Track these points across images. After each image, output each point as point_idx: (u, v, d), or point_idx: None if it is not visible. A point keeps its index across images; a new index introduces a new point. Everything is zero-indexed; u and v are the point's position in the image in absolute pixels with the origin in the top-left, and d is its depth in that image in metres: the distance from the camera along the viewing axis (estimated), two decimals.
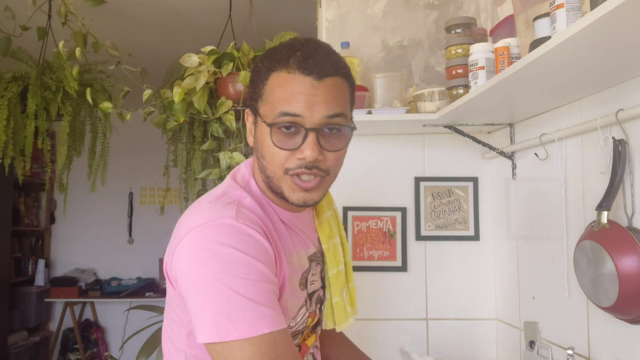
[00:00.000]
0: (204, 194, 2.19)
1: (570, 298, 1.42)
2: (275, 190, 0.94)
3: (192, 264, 0.84)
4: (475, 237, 1.94)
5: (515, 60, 1.32)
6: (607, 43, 0.98)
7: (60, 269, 4.95)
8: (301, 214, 1.04)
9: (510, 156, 1.76)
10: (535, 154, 1.58)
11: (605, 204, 1.18)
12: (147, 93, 2.06)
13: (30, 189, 4.81)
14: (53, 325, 4.86)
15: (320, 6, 2.06)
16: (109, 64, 2.34)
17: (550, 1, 1.07)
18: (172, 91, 1.96)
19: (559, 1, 1.04)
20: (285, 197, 0.93)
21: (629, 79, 1.18)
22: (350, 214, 1.93)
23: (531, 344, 1.60)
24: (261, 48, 2.02)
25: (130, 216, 5.06)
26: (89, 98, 2.19)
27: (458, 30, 1.61)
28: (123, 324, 4.56)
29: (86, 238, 4.97)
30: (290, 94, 0.88)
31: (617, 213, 1.20)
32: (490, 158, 1.91)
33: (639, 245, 1.09)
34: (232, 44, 1.98)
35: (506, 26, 1.51)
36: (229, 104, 1.95)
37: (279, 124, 0.88)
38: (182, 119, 2.01)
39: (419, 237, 1.93)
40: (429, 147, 1.96)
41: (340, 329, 1.13)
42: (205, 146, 2.09)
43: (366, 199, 1.94)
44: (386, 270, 1.92)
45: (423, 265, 1.93)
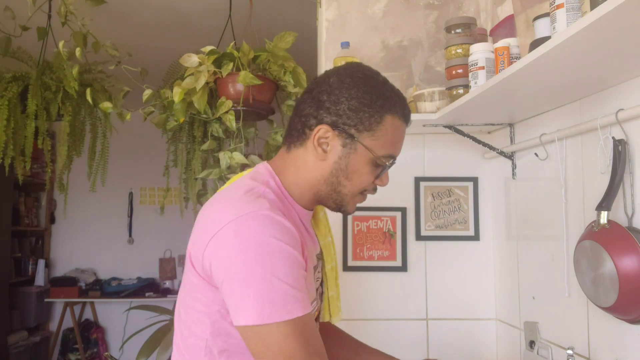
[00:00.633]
0: (204, 194, 2.20)
1: (570, 298, 1.42)
2: (331, 200, 1.07)
3: (234, 253, 0.90)
4: (475, 237, 1.94)
5: (515, 60, 1.32)
6: (607, 43, 0.98)
7: (60, 269, 4.95)
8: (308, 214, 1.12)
9: (510, 156, 1.76)
10: (535, 154, 1.58)
11: (605, 204, 1.18)
12: (147, 93, 2.06)
13: (30, 189, 4.81)
14: (53, 325, 4.86)
15: (320, 6, 2.06)
16: (109, 64, 2.34)
17: (550, 1, 1.07)
18: (172, 91, 1.96)
19: (559, 1, 1.04)
20: (342, 208, 1.08)
21: (629, 79, 1.18)
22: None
23: (531, 344, 1.60)
24: (261, 48, 2.02)
25: (130, 216, 5.06)
26: (89, 98, 2.19)
27: (458, 30, 1.61)
28: (123, 324, 4.56)
29: (86, 238, 4.96)
30: (399, 140, 1.07)
31: (617, 213, 1.20)
32: (490, 158, 1.91)
33: (639, 245, 1.09)
34: (232, 44, 1.98)
35: (506, 26, 1.52)
36: (229, 104, 1.95)
37: (386, 165, 1.05)
38: (182, 119, 2.00)
39: (419, 237, 1.93)
40: (429, 147, 1.96)
41: (334, 322, 1.22)
42: (205, 146, 2.09)
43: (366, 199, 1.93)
44: (386, 270, 1.92)
45: (423, 265, 1.93)
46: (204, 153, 2.15)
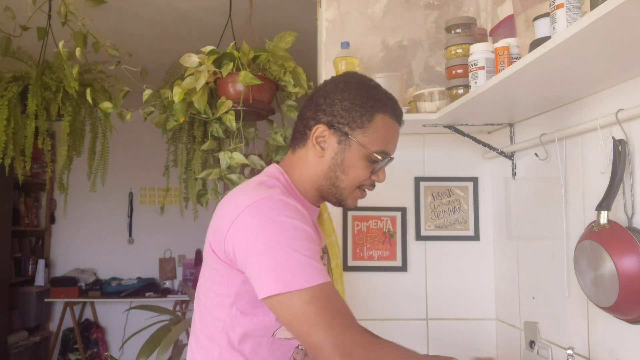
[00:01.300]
0: (204, 194, 2.19)
1: (570, 298, 1.42)
2: (331, 195, 1.16)
3: (254, 232, 1.01)
4: (475, 237, 1.94)
5: (515, 60, 1.32)
6: (607, 43, 0.98)
7: (60, 269, 4.95)
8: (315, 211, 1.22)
9: (510, 156, 1.76)
10: (535, 154, 1.58)
11: (605, 204, 1.18)
12: (147, 93, 2.05)
13: (30, 189, 4.81)
14: (53, 325, 4.86)
15: (320, 6, 2.06)
16: (109, 64, 2.34)
17: (550, 1, 1.07)
18: (172, 91, 1.96)
19: (559, 1, 1.04)
20: (342, 202, 1.17)
21: (629, 79, 1.18)
22: (350, 214, 1.93)
23: (531, 344, 1.60)
24: (261, 48, 2.02)
25: (130, 216, 5.06)
26: (89, 98, 2.19)
27: (458, 30, 1.61)
28: (123, 324, 4.56)
29: (86, 238, 4.96)
30: (391, 137, 1.15)
31: (617, 213, 1.20)
32: (490, 158, 1.91)
33: (639, 245, 1.09)
34: (232, 44, 1.98)
35: (506, 26, 1.52)
36: (229, 104, 1.94)
37: (380, 160, 1.13)
38: (182, 119, 2.00)
39: (419, 237, 1.93)
40: (429, 147, 1.96)
41: None
42: (205, 146, 2.08)
43: (366, 199, 1.91)
44: (386, 270, 1.93)
45: (423, 265, 1.93)
46: (204, 153, 2.15)
